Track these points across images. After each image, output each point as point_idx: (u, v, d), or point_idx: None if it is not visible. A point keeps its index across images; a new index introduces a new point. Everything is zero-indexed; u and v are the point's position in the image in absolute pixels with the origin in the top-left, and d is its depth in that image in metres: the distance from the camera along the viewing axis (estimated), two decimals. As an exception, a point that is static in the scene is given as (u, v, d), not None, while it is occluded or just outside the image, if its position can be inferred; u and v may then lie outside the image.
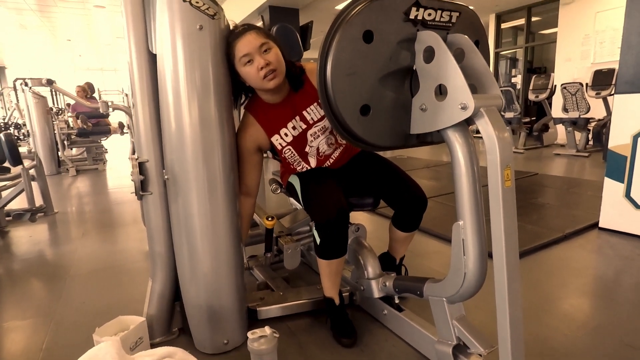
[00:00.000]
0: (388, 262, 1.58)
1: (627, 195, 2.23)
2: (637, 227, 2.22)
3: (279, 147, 1.37)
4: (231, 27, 1.23)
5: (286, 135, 1.35)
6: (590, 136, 5.53)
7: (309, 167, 1.45)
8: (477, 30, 1.02)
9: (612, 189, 2.30)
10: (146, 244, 2.33)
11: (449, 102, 0.88)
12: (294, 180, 1.45)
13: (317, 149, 1.41)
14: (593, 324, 1.42)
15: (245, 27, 1.19)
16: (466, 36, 0.93)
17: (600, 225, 2.38)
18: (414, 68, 0.97)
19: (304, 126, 1.35)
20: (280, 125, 1.34)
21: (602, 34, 6.26)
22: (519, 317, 0.92)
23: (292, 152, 1.39)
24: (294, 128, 1.35)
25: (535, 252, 2.08)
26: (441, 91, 0.92)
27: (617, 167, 2.26)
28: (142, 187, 1.26)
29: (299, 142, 1.38)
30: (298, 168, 1.46)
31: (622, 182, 2.24)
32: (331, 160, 1.47)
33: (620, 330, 1.37)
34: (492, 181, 0.87)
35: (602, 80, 5.08)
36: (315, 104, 1.34)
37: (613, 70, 4.98)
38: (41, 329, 1.52)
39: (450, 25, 0.96)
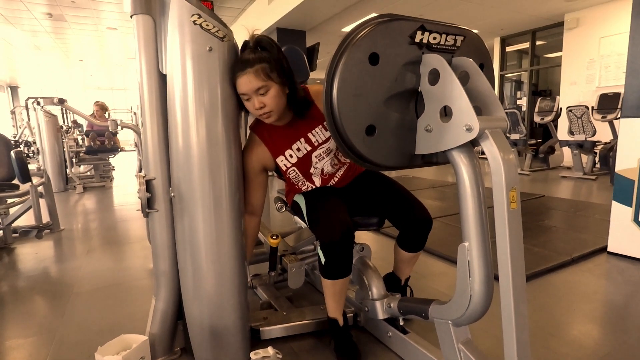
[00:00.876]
0: (393, 283, 1.56)
1: (636, 219, 2.20)
2: (646, 251, 2.18)
3: (284, 168, 1.39)
4: (248, 37, 1.21)
5: (291, 156, 1.37)
6: (597, 159, 5.51)
7: (313, 187, 1.46)
8: (481, 54, 1.04)
9: (620, 212, 2.27)
10: (150, 262, 2.33)
11: (454, 123, 0.89)
12: (299, 200, 1.46)
13: (322, 170, 1.42)
14: (603, 351, 1.38)
15: (248, 62, 1.16)
16: (471, 59, 0.95)
17: (608, 249, 2.34)
18: (419, 90, 0.99)
19: (309, 148, 1.37)
20: (285, 146, 1.36)
21: (607, 59, 6.33)
22: (526, 341, 0.90)
23: (296, 172, 1.40)
24: (298, 150, 1.36)
25: (542, 275, 2.05)
26: (446, 112, 0.93)
27: (625, 191, 2.24)
28: (148, 205, 1.27)
29: (304, 164, 1.39)
30: (303, 188, 1.47)
31: (630, 206, 2.22)
32: (335, 179, 1.47)
33: (630, 358, 1.33)
34: (498, 203, 0.87)
35: (608, 103, 5.11)
36: (320, 126, 1.35)
37: (619, 94, 5.01)
38: (43, 347, 1.50)
39: (455, 48, 0.98)
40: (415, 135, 1.01)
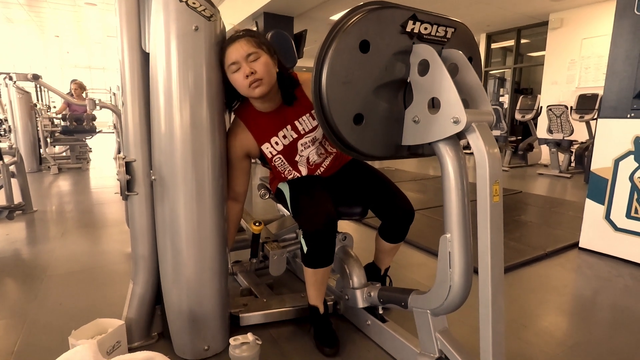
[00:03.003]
0: (373, 273, 1.57)
1: (607, 217, 2.29)
2: (615, 248, 2.27)
3: (269, 156, 1.37)
4: (232, 33, 1.22)
5: (277, 143, 1.35)
6: (572, 158, 5.68)
7: (299, 175, 1.45)
8: (471, 47, 1.05)
9: (592, 210, 2.36)
10: (127, 246, 2.27)
11: (441, 115, 0.89)
12: (284, 187, 1.45)
13: (307, 158, 1.41)
14: (571, 342, 1.44)
15: (239, 34, 1.19)
16: (460, 52, 0.95)
17: (580, 245, 2.43)
18: (408, 80, 0.98)
19: (295, 135, 1.35)
20: (271, 133, 1.34)
21: (587, 60, 6.49)
22: (502, 332, 0.93)
23: (282, 160, 1.39)
24: (284, 137, 1.35)
25: (517, 268, 2.11)
26: (434, 104, 0.94)
27: (599, 190, 2.32)
28: (127, 187, 1.24)
29: (290, 151, 1.37)
30: (289, 177, 1.45)
31: (603, 204, 2.30)
32: (322, 169, 1.47)
33: (596, 349, 1.40)
34: (481, 196, 0.88)
35: (586, 104, 5.26)
36: (308, 114, 1.34)
37: (597, 95, 5.16)
38: (14, 330, 1.46)
39: (446, 40, 0.98)
40: (402, 126, 1.01)
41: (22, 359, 1.29)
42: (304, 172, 1.44)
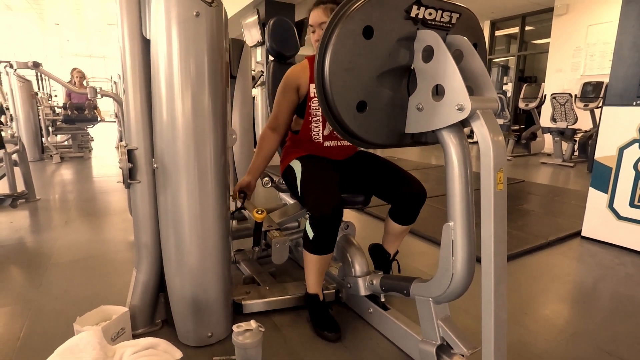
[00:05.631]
0: (380, 255, 1.59)
1: (610, 206, 2.28)
2: (617, 237, 2.27)
3: (311, 95, 1.42)
4: None
5: None
6: (576, 147, 5.64)
7: (320, 135, 1.47)
8: (476, 33, 1.03)
9: (596, 199, 2.35)
10: (131, 234, 2.29)
11: (445, 102, 0.88)
12: (296, 165, 1.45)
13: None
14: (572, 330, 1.45)
15: (322, 0, 1.37)
16: (465, 38, 0.93)
17: (582, 234, 2.43)
18: (412, 67, 0.97)
19: None
20: None
21: (592, 47, 6.39)
22: (504, 319, 0.93)
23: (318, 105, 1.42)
24: None
25: (519, 257, 2.12)
26: (438, 91, 0.92)
27: (602, 178, 2.30)
28: (130, 175, 1.24)
29: None
30: (313, 132, 1.47)
31: (606, 192, 2.29)
32: (339, 143, 1.50)
33: (597, 337, 1.40)
34: (485, 184, 0.87)
35: (591, 92, 5.20)
36: None
37: (602, 83, 5.10)
38: (19, 317, 1.47)
39: (450, 26, 0.96)
40: (405, 114, 1.00)
41: (28, 345, 1.31)
42: (327, 132, 1.47)
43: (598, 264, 2.04)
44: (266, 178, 1.63)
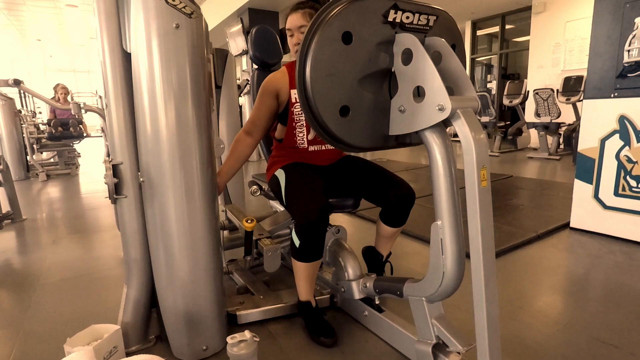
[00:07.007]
0: (373, 257, 1.59)
1: (596, 196, 2.32)
2: (605, 226, 2.31)
3: (293, 101, 1.42)
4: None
5: None
6: (561, 140, 5.75)
7: (305, 140, 1.47)
8: (453, 35, 1.04)
9: (581, 190, 2.39)
10: (120, 251, 2.25)
11: (426, 103, 0.89)
12: (280, 175, 1.45)
13: None
14: (565, 320, 1.47)
15: (300, 5, 1.39)
16: (443, 39, 0.95)
17: (571, 225, 2.47)
18: (393, 70, 0.98)
19: None
20: None
21: (571, 43, 6.54)
22: (496, 314, 0.94)
23: (301, 110, 1.41)
24: None
25: (510, 251, 2.14)
26: (419, 93, 0.93)
27: (586, 170, 2.35)
28: (116, 191, 1.22)
29: None
30: (298, 137, 1.47)
31: (591, 183, 2.34)
32: (324, 148, 1.50)
33: (590, 326, 1.42)
34: (469, 181, 0.88)
35: (572, 86, 5.31)
36: None
37: (582, 77, 5.21)
38: (8, 340, 1.44)
39: (428, 28, 0.98)
40: (389, 116, 1.01)
41: (18, 369, 1.28)
42: (311, 136, 1.47)
43: (588, 254, 2.08)
44: (254, 187, 1.62)
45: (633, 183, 2.15)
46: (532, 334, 1.39)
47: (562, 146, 5.84)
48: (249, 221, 1.47)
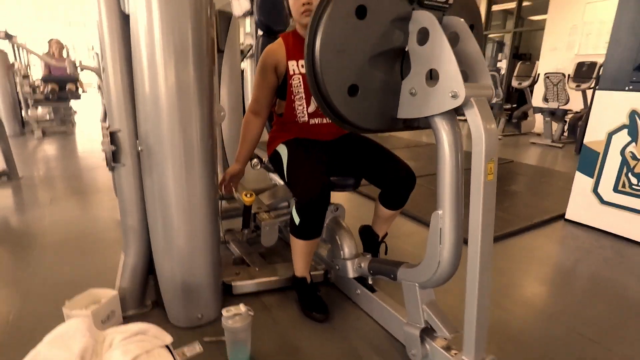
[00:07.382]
0: (370, 236, 1.60)
1: (595, 190, 2.31)
2: (599, 221, 2.31)
3: (291, 73, 1.37)
4: None
5: (302, 66, 1.36)
6: (566, 128, 5.67)
7: (305, 113, 1.42)
8: (472, 14, 0.99)
9: (581, 183, 2.37)
10: (118, 213, 2.25)
11: (439, 88, 0.86)
12: (282, 150, 1.42)
13: None
14: (549, 311, 1.49)
15: None
16: (462, 19, 0.90)
17: (566, 217, 2.46)
18: (406, 49, 0.93)
19: None
20: (301, 55, 1.35)
21: (589, 26, 6.30)
22: (486, 305, 0.95)
23: (299, 81, 1.38)
24: None
25: (503, 239, 2.15)
26: (432, 76, 0.89)
27: (589, 162, 2.32)
28: (113, 159, 1.20)
29: None
30: (298, 110, 1.41)
31: (592, 177, 2.32)
32: (324, 120, 1.44)
33: (572, 318, 1.45)
34: (475, 174, 0.86)
35: (584, 72, 5.16)
36: None
37: (595, 63, 5.06)
38: (7, 300, 1.46)
39: (447, 6, 0.92)
40: (398, 98, 0.97)
41: (18, 328, 1.30)
42: (311, 109, 1.41)
43: (579, 247, 2.09)
44: (255, 160, 1.60)
45: (634, 180, 2.13)
46: (514, 322, 1.41)
47: (565, 134, 5.77)
48: (248, 195, 1.46)
